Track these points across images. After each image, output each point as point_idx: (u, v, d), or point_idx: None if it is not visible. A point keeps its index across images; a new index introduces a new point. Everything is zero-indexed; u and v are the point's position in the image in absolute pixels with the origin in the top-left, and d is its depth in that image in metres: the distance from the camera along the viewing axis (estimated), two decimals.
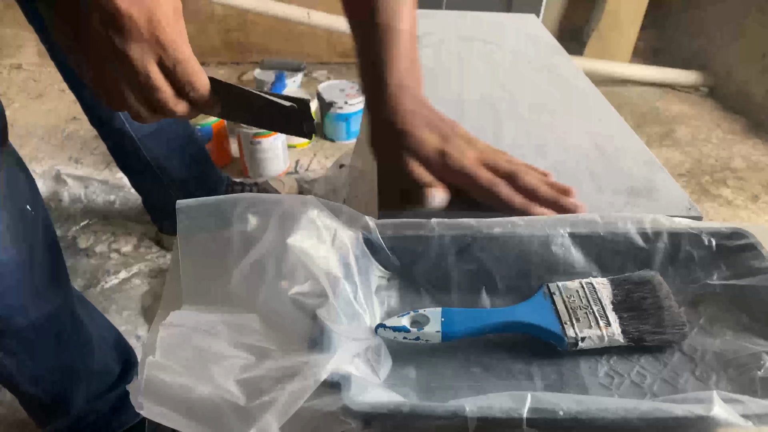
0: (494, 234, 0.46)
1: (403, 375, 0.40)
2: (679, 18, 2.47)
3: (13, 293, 0.67)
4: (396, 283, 0.48)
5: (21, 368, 0.75)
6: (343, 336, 0.36)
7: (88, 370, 0.83)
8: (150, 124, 1.12)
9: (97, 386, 0.85)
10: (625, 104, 2.13)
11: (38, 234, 0.71)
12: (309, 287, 0.38)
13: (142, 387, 0.31)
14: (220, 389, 0.32)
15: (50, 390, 0.80)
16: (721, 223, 0.48)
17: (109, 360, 0.87)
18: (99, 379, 0.85)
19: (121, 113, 1.07)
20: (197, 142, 1.29)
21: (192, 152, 1.26)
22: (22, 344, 0.73)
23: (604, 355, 0.42)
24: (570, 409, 0.32)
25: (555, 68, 0.90)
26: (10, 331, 0.70)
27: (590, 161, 0.65)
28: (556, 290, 0.45)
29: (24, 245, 0.67)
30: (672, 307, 0.43)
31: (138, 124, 1.09)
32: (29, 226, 0.69)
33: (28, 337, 0.72)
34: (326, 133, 1.85)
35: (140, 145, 1.14)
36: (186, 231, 0.42)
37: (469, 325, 0.42)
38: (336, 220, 0.45)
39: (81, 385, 0.83)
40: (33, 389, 0.78)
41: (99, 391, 0.85)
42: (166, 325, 0.35)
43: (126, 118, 1.09)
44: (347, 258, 0.43)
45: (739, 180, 1.71)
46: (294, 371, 0.32)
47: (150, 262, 1.33)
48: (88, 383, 0.84)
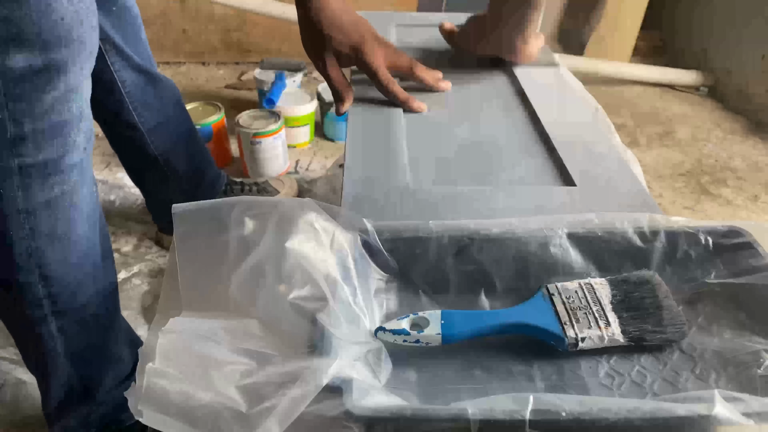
0: (492, 235, 0.46)
1: (403, 378, 0.40)
2: (679, 18, 2.47)
3: (80, 266, 0.72)
4: (394, 285, 0.48)
5: (67, 347, 0.77)
6: (344, 340, 0.36)
7: (117, 356, 0.85)
8: (156, 118, 1.14)
9: (119, 376, 0.86)
10: (625, 104, 2.13)
11: (97, 214, 0.75)
12: (308, 291, 0.38)
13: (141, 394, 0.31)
14: (220, 396, 0.32)
15: (87, 372, 0.82)
16: (717, 221, 0.48)
17: (126, 350, 0.89)
18: (119, 368, 0.87)
19: (129, 105, 1.10)
20: (198, 138, 1.30)
21: (194, 147, 1.28)
22: (75, 322, 0.75)
23: (604, 355, 0.42)
24: (572, 411, 0.32)
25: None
26: (71, 308, 0.73)
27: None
28: (555, 291, 0.45)
29: (92, 223, 0.73)
30: (671, 306, 0.43)
31: (146, 115, 1.11)
32: (96, 206, 0.74)
33: (81, 315, 0.75)
34: (326, 133, 1.85)
35: (148, 138, 1.15)
36: (183, 235, 0.42)
37: (469, 327, 0.42)
38: (334, 223, 0.44)
39: (110, 370, 0.84)
40: (71, 370, 0.80)
41: (118, 381, 0.87)
42: (166, 332, 0.35)
43: (135, 110, 1.11)
44: (346, 261, 0.43)
45: (739, 180, 1.71)
46: (295, 376, 0.32)
47: (150, 262, 1.33)
48: (116, 368, 0.85)
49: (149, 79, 1.11)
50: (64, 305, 0.73)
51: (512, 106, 0.78)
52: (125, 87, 1.07)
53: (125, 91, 1.08)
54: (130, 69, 1.07)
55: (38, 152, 0.62)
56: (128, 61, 1.06)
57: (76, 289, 0.73)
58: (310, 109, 1.75)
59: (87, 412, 0.85)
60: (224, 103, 1.78)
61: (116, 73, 1.05)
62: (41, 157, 0.62)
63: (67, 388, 0.82)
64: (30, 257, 0.67)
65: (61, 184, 0.65)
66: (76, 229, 0.70)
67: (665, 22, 2.53)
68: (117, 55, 1.03)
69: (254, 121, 1.59)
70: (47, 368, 0.79)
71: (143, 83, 1.10)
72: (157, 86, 1.14)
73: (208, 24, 2.23)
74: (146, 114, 1.12)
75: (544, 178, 0.62)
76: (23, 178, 0.62)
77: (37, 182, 0.63)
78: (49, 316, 0.72)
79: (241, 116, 1.59)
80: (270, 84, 1.81)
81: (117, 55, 1.03)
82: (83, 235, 0.71)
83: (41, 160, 0.62)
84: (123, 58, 1.05)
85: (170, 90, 1.18)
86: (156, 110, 1.14)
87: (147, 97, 1.12)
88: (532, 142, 0.69)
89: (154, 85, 1.13)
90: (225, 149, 1.69)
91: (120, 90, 1.07)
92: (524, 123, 0.73)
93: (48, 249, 0.67)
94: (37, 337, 0.74)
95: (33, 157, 0.62)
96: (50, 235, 0.67)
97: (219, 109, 1.63)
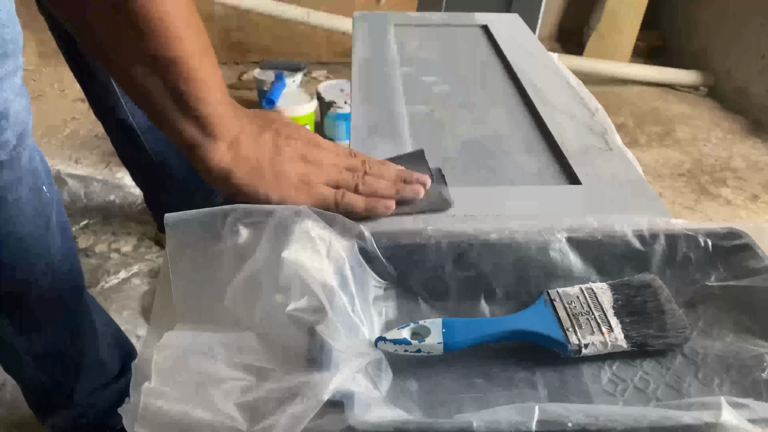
0: (491, 240, 0.46)
1: (404, 388, 0.40)
2: (679, 18, 2.46)
3: (29, 266, 0.71)
4: (393, 293, 0.47)
5: (31, 347, 0.76)
6: (343, 352, 0.35)
7: (93, 360, 0.84)
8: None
9: (99, 379, 0.85)
10: (625, 104, 2.13)
11: (53, 215, 0.73)
12: (306, 302, 0.37)
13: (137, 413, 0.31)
14: (219, 414, 0.31)
15: (55, 376, 0.81)
16: (715, 223, 0.48)
17: (109, 354, 0.88)
18: (101, 372, 0.86)
19: (124, 104, 1.08)
20: None
21: None
22: (34, 321, 0.75)
23: (606, 361, 0.42)
24: (578, 421, 0.32)
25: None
26: (23, 306, 0.72)
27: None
28: (556, 297, 0.44)
29: (41, 222, 0.70)
30: (673, 310, 0.43)
31: (140, 116, 1.10)
32: (45, 205, 0.71)
33: (40, 314, 0.75)
34: (326, 133, 1.85)
35: (143, 139, 1.15)
36: (176, 245, 0.41)
37: (470, 336, 0.41)
38: (330, 231, 0.44)
39: (86, 375, 0.84)
40: (39, 373, 0.79)
41: (100, 385, 0.86)
42: (161, 348, 0.34)
43: (129, 109, 1.10)
44: (343, 269, 0.42)
45: (738, 180, 1.71)
46: (295, 392, 0.31)
47: (150, 262, 1.33)
48: (92, 374, 0.84)
49: None
50: (13, 306, 0.72)
51: (512, 104, 0.78)
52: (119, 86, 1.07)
53: (119, 91, 1.08)
54: None
55: None
56: None
57: (25, 291, 0.71)
58: (310, 109, 1.75)
59: (70, 414, 0.85)
60: None
61: None
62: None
63: (40, 392, 0.82)
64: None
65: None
66: (18, 230, 0.67)
67: (665, 22, 2.53)
68: None
69: None
70: (15, 370, 0.79)
71: None
72: None
73: (208, 24, 2.23)
74: (139, 114, 1.12)
75: (549, 177, 0.62)
76: None
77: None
78: (3, 317, 0.72)
79: None
80: (270, 84, 1.81)
81: None
82: (29, 235, 0.69)
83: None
84: None
85: None
86: None
87: None
88: (534, 141, 0.69)
89: None
90: None
91: (114, 89, 1.07)
92: (525, 122, 0.73)
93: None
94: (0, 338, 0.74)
95: None
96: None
97: None
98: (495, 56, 0.94)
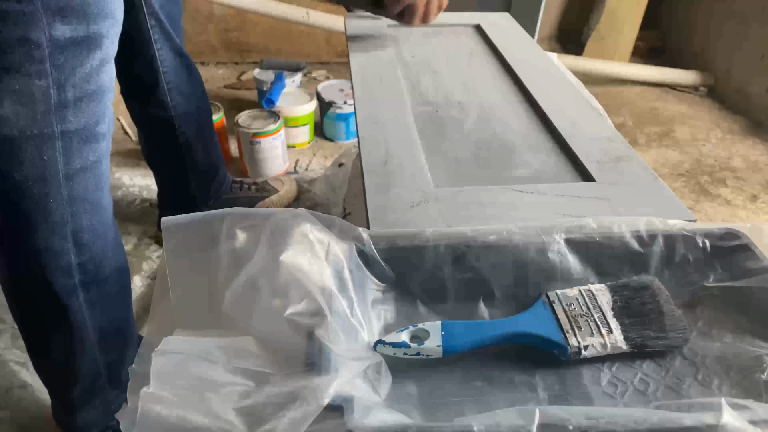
0: (489, 242, 0.46)
1: (404, 392, 0.40)
2: (679, 18, 2.46)
3: (104, 237, 0.76)
4: (392, 295, 0.47)
5: (93, 321, 0.79)
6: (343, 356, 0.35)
7: (134, 338, 0.88)
8: (186, 103, 1.17)
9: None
10: (625, 104, 2.13)
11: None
12: (304, 306, 0.37)
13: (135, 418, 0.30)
14: (218, 420, 0.31)
15: (109, 351, 0.84)
16: (713, 224, 0.48)
17: (137, 335, 0.91)
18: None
19: (165, 84, 1.13)
20: (215, 134, 1.33)
21: (212, 141, 1.31)
22: (100, 296, 0.78)
23: (605, 363, 0.42)
24: (579, 424, 0.32)
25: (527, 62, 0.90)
26: (97, 279, 0.76)
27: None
28: (555, 298, 0.44)
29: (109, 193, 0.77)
30: (672, 311, 0.43)
31: (177, 100, 1.14)
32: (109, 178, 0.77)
33: (104, 288, 0.78)
34: (326, 133, 1.85)
35: (176, 122, 1.17)
36: (173, 249, 0.41)
37: (470, 338, 0.41)
38: (328, 233, 0.43)
39: (131, 352, 0.86)
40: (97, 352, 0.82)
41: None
42: (159, 353, 0.34)
43: (170, 91, 1.13)
44: (342, 272, 0.42)
45: (738, 180, 1.70)
46: (294, 396, 0.31)
47: (150, 262, 1.33)
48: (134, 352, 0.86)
49: (184, 63, 1.13)
50: (90, 276, 0.75)
51: (516, 103, 0.78)
52: (163, 66, 1.09)
53: (163, 70, 1.10)
54: (169, 49, 1.08)
55: (78, 118, 0.66)
56: (169, 41, 1.07)
57: (101, 259, 0.76)
58: (309, 109, 1.75)
59: (110, 398, 0.87)
60: (224, 103, 1.78)
61: (158, 50, 1.07)
62: (81, 122, 0.66)
63: (93, 373, 0.83)
64: (66, 223, 0.70)
65: (95, 151, 0.69)
66: (103, 198, 0.74)
67: (665, 22, 2.53)
68: (161, 32, 1.05)
69: (254, 121, 1.58)
70: (74, 348, 0.80)
71: (179, 66, 1.12)
72: (191, 73, 1.16)
73: (208, 24, 2.23)
74: (178, 98, 1.14)
75: (562, 174, 0.62)
76: (64, 143, 0.66)
77: (76, 148, 0.67)
78: (78, 287, 0.75)
79: (241, 116, 1.59)
80: (269, 84, 1.80)
81: (161, 32, 1.05)
82: (107, 204, 0.75)
83: (81, 126, 0.66)
84: (165, 37, 1.06)
85: (200, 81, 1.21)
86: (186, 96, 1.16)
87: (180, 82, 1.14)
88: (542, 139, 0.69)
89: (188, 71, 1.15)
90: (224, 149, 1.68)
91: (158, 68, 1.09)
92: (532, 121, 0.73)
93: (82, 215, 0.71)
94: (65, 311, 0.76)
95: (74, 123, 0.65)
96: (84, 201, 0.70)
97: (218, 109, 1.63)
98: (491, 56, 0.94)
